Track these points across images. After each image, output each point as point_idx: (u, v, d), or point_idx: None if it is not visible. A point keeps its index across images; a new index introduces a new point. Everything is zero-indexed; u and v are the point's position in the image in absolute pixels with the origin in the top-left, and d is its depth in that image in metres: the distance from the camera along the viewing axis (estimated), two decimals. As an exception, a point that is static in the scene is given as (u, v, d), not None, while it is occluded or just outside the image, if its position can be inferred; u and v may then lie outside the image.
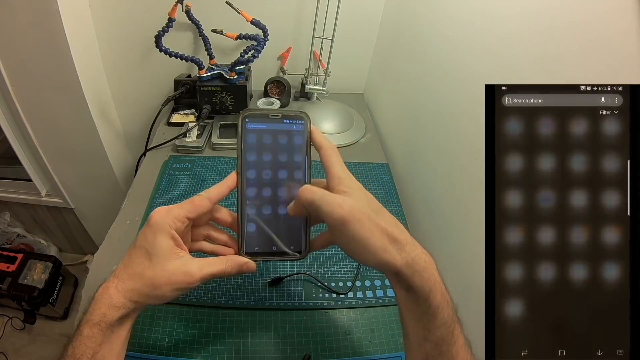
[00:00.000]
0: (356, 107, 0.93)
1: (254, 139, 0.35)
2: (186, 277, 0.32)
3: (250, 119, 0.35)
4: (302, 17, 0.87)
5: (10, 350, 1.22)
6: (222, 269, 0.33)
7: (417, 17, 0.70)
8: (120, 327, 0.32)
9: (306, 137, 0.36)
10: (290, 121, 0.36)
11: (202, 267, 0.32)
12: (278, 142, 0.36)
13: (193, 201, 0.34)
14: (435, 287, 0.29)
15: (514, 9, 0.43)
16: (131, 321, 0.33)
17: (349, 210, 0.29)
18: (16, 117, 0.90)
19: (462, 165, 0.53)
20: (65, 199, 1.14)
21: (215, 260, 0.34)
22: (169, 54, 0.74)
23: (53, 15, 0.71)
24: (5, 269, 1.20)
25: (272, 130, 0.36)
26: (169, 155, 0.72)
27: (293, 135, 0.36)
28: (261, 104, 0.83)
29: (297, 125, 0.36)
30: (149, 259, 0.32)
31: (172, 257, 0.32)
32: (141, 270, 0.32)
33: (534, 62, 0.40)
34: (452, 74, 0.56)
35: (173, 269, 0.32)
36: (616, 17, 0.31)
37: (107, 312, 0.30)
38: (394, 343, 0.46)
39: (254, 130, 0.35)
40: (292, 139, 0.36)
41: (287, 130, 0.36)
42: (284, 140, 0.36)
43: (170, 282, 0.31)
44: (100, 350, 0.30)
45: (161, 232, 0.32)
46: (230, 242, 0.37)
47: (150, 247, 0.32)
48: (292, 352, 0.44)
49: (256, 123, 0.35)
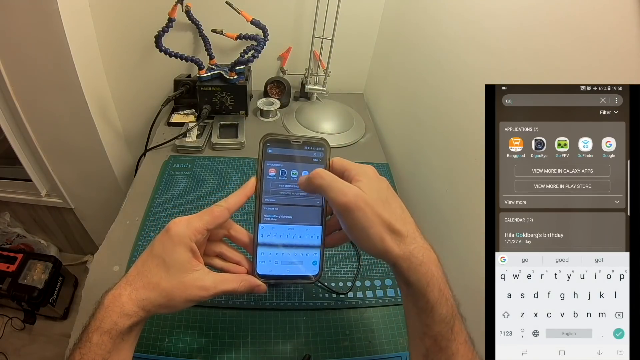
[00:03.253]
0: (356, 107, 0.93)
1: (273, 165, 0.35)
2: (201, 292, 0.32)
3: (271, 144, 0.35)
4: (302, 17, 0.87)
5: (10, 350, 1.22)
6: (235, 287, 0.34)
7: (417, 16, 0.70)
8: (130, 335, 0.32)
9: (326, 164, 0.36)
10: (310, 147, 0.36)
11: (217, 283, 0.33)
12: (297, 169, 0.36)
13: (212, 212, 0.34)
14: (433, 283, 0.29)
15: (514, 7, 0.43)
16: (140, 327, 0.34)
17: (352, 198, 0.29)
18: (16, 117, 0.90)
19: (462, 165, 0.53)
20: (65, 199, 1.13)
21: (230, 278, 0.34)
22: (169, 54, 0.74)
23: (53, 15, 0.71)
24: (5, 269, 1.19)
25: (293, 156, 0.35)
26: (169, 156, 0.72)
27: (313, 162, 0.36)
28: (261, 104, 0.84)
29: (317, 152, 0.36)
30: (167, 270, 0.32)
31: (190, 269, 0.32)
32: (157, 281, 0.31)
33: (534, 61, 0.40)
34: (452, 74, 0.56)
35: (189, 281, 0.32)
36: (616, 16, 0.31)
37: (118, 320, 0.30)
38: (394, 343, 0.46)
39: (274, 155, 0.35)
40: (311, 166, 0.35)
41: (308, 157, 0.36)
42: (303, 167, 0.36)
43: (185, 294, 0.32)
44: (109, 357, 0.30)
45: (180, 244, 0.32)
46: (242, 262, 0.37)
47: (169, 258, 0.32)
48: (292, 352, 0.44)
49: (277, 148, 0.35)
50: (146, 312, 0.31)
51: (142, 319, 0.32)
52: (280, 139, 0.35)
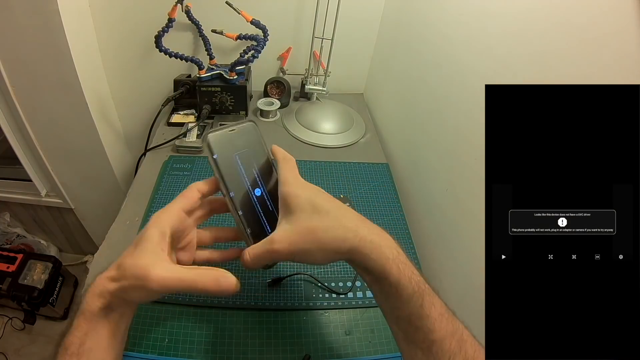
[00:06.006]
0: (356, 107, 0.93)
1: (224, 156, 0.36)
2: (144, 273, 0.29)
3: (214, 139, 0.36)
4: (302, 17, 0.87)
5: (10, 350, 1.22)
6: (193, 279, 0.30)
7: (417, 17, 0.70)
8: (106, 319, 0.31)
9: (262, 142, 0.39)
10: (242, 132, 0.38)
11: (168, 270, 0.30)
12: (243, 153, 0.37)
13: (183, 194, 0.35)
14: (389, 264, 0.29)
15: (514, 8, 0.43)
16: (118, 316, 0.32)
17: (285, 252, 0.32)
18: (16, 117, 0.90)
19: (462, 165, 0.53)
20: (65, 199, 1.13)
21: (185, 270, 0.31)
22: (169, 54, 0.74)
23: (53, 15, 0.71)
24: (5, 269, 1.19)
25: (235, 144, 0.37)
26: (169, 156, 0.72)
27: (253, 146, 0.38)
28: (261, 104, 0.84)
29: (249, 135, 0.38)
30: (135, 248, 0.32)
31: (151, 251, 0.31)
32: (122, 258, 0.32)
33: (534, 62, 0.40)
34: (453, 74, 0.56)
35: (143, 262, 0.30)
36: (616, 16, 0.31)
37: (90, 300, 0.30)
38: (393, 343, 0.46)
39: (221, 149, 0.36)
40: (252, 150, 0.38)
41: (247, 140, 0.38)
42: (247, 150, 0.37)
43: (134, 275, 0.30)
44: (87, 340, 0.30)
45: (153, 225, 0.32)
46: (231, 256, 0.38)
47: (139, 237, 0.32)
48: (292, 352, 0.44)
49: (219, 141, 0.36)
50: (110, 293, 0.30)
51: (111, 301, 0.30)
52: (218, 131, 0.36)
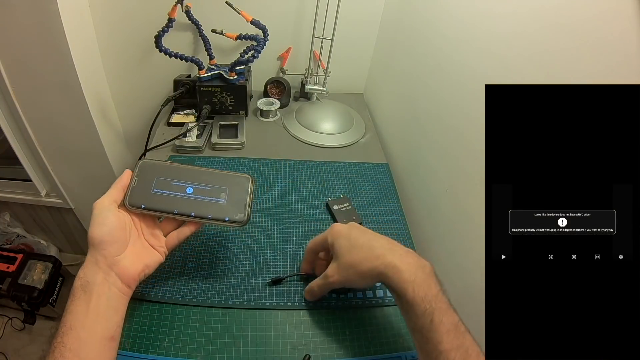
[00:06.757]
0: (356, 107, 0.93)
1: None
2: (101, 223, 0.38)
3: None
4: (302, 17, 0.87)
5: (10, 350, 1.22)
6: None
7: (417, 17, 0.70)
8: (84, 294, 0.35)
9: None
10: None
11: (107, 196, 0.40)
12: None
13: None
14: (405, 286, 0.36)
15: (514, 8, 0.43)
16: (94, 294, 0.36)
17: (337, 283, 0.43)
18: (16, 117, 0.90)
19: (462, 165, 0.53)
20: (65, 199, 1.13)
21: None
22: (169, 54, 0.74)
23: (53, 15, 0.71)
24: (5, 269, 1.19)
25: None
26: (169, 156, 0.72)
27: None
28: (261, 104, 0.83)
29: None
30: None
31: (106, 207, 0.39)
32: None
33: (534, 62, 0.40)
34: (453, 74, 0.56)
35: (98, 215, 0.38)
36: (616, 16, 0.31)
37: (74, 284, 0.36)
38: (394, 343, 0.46)
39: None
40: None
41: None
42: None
43: (97, 222, 0.37)
44: (68, 320, 0.34)
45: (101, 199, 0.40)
46: None
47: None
48: (292, 352, 0.44)
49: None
50: (85, 265, 0.37)
51: (85, 274, 0.36)
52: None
